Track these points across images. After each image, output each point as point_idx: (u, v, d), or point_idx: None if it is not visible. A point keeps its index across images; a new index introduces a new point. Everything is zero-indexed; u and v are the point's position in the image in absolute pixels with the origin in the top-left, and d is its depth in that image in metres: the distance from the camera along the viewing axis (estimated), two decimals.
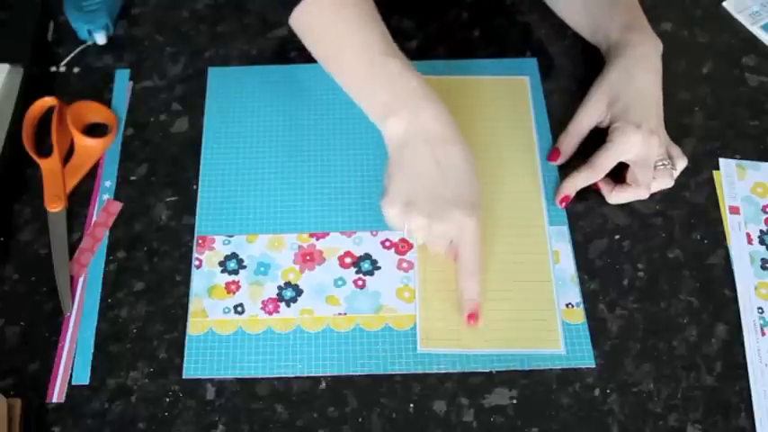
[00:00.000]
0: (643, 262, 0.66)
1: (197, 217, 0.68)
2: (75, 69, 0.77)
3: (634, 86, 0.67)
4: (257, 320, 0.63)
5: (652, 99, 0.67)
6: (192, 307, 0.64)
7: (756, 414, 0.60)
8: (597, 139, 0.68)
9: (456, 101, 0.74)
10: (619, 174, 0.68)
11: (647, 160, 0.66)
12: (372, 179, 0.70)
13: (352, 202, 0.69)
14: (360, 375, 0.61)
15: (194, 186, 0.70)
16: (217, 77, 0.76)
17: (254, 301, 0.64)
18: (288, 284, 0.65)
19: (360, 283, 0.65)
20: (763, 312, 0.64)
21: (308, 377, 0.61)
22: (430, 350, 0.62)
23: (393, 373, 0.61)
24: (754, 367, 0.62)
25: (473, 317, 0.62)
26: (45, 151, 0.70)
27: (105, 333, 0.63)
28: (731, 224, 0.68)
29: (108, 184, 0.70)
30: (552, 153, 0.70)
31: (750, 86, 0.77)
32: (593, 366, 0.61)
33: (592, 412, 0.60)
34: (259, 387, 0.61)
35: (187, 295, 0.64)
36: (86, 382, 0.61)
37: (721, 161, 0.72)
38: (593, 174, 0.67)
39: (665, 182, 0.68)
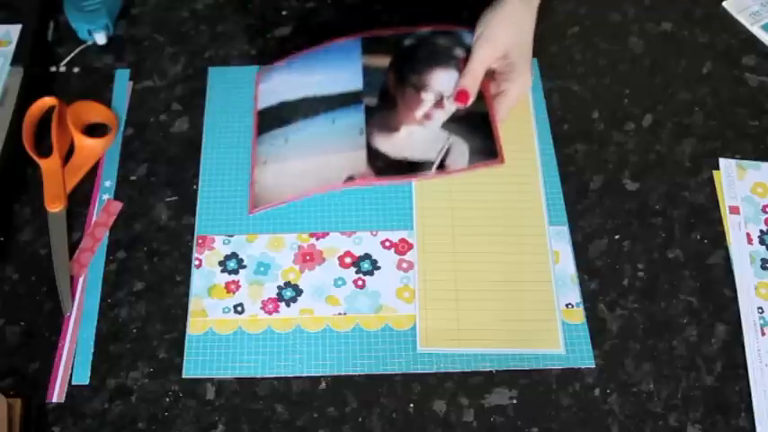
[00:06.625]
0: (643, 262, 0.66)
1: (197, 217, 0.68)
2: (76, 69, 0.77)
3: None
4: (257, 320, 0.63)
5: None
6: (191, 307, 0.64)
7: (756, 414, 0.60)
8: None
9: None
10: None
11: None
12: None
13: (352, 202, 0.69)
14: (359, 375, 0.61)
15: (194, 186, 0.70)
16: (217, 77, 0.76)
17: (254, 301, 0.64)
18: (288, 284, 0.65)
19: (360, 283, 0.65)
20: (763, 312, 0.64)
21: (307, 377, 0.61)
22: (430, 350, 0.62)
23: (393, 372, 0.61)
24: (754, 367, 0.62)
25: None
26: (45, 151, 0.70)
27: (105, 333, 0.63)
28: (731, 224, 0.68)
29: (108, 184, 0.70)
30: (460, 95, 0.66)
31: (750, 86, 0.77)
32: (593, 366, 0.61)
33: (592, 412, 0.60)
34: (259, 387, 0.61)
35: (187, 295, 0.64)
36: (86, 382, 0.61)
37: (721, 161, 0.72)
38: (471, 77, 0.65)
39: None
